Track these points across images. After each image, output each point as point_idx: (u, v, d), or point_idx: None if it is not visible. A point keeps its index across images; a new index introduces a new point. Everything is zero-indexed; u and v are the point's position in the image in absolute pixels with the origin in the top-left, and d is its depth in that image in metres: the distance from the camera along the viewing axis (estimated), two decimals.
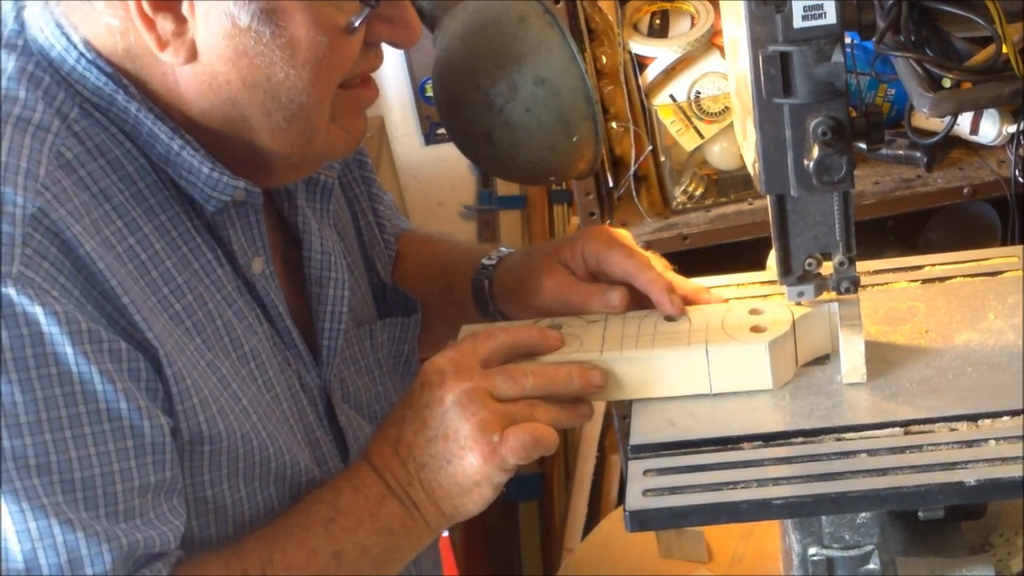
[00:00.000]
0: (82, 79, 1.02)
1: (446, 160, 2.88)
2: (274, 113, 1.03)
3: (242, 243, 1.09)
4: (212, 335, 1.05)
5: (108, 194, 1.01)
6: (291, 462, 1.10)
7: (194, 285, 1.05)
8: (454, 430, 1.07)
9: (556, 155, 1.30)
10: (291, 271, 1.18)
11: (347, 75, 1.06)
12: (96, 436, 0.94)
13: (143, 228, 1.02)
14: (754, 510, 1.05)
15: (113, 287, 0.97)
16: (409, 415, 1.10)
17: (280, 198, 1.18)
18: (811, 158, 1.08)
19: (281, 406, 1.12)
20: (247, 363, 1.09)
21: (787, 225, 1.16)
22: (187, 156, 1.03)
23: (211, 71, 1.01)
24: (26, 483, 0.91)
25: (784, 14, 1.05)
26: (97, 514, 0.94)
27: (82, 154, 1.00)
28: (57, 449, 0.92)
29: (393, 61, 2.84)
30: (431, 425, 1.08)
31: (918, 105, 1.68)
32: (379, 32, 1.07)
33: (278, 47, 1.00)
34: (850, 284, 1.16)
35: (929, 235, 2.27)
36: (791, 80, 1.07)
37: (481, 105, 1.27)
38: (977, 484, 1.02)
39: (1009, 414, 1.09)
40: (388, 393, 1.28)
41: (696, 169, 2.10)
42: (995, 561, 1.19)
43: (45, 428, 0.92)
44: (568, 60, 1.27)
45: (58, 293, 0.93)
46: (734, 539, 1.77)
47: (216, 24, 0.99)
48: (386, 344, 1.30)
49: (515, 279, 1.30)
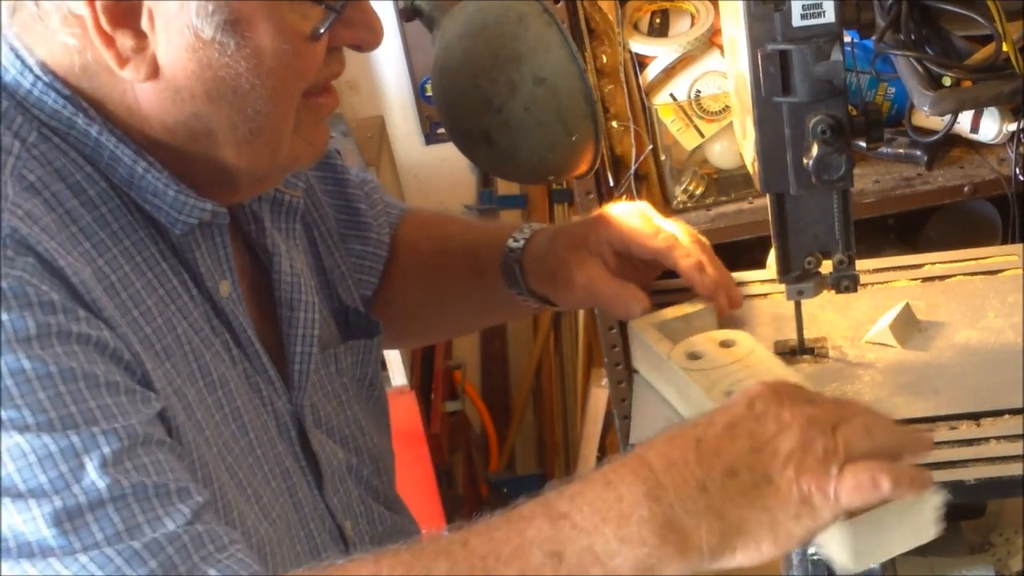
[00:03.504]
0: (39, 103, 0.99)
1: (446, 160, 2.88)
2: (240, 126, 1.01)
3: (208, 266, 1.07)
4: (180, 360, 1.03)
5: (74, 215, 0.98)
6: (248, 496, 1.07)
7: (162, 309, 1.02)
8: (788, 450, 0.90)
9: (556, 154, 1.30)
10: (258, 296, 1.16)
11: (311, 83, 1.04)
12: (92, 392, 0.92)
13: (111, 249, 1.00)
14: None
15: (92, 301, 0.95)
16: (722, 420, 0.92)
17: (247, 220, 1.16)
18: (810, 157, 1.08)
19: (248, 436, 1.09)
20: (214, 391, 1.06)
21: (787, 224, 1.16)
22: (151, 179, 1.01)
23: (174, 86, 0.98)
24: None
25: (783, 13, 1.05)
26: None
27: (44, 176, 0.97)
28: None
29: (393, 61, 2.85)
30: (758, 437, 0.91)
31: (918, 103, 1.68)
32: (342, 36, 1.04)
33: (243, 58, 0.97)
34: (849, 282, 1.16)
35: (929, 233, 2.27)
36: (790, 79, 1.07)
37: (480, 105, 1.27)
38: (977, 483, 1.02)
39: (1009, 412, 1.10)
40: (357, 417, 1.25)
41: (696, 168, 2.10)
42: (995, 560, 1.19)
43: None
44: (567, 60, 1.27)
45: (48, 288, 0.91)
46: None
47: (178, 37, 0.96)
48: (350, 368, 1.27)
49: (547, 271, 1.29)
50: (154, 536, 0.89)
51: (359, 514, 1.23)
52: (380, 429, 1.31)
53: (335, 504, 1.18)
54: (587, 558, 0.89)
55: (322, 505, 1.17)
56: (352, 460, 1.23)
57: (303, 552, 1.13)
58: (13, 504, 0.88)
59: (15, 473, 0.88)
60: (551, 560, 0.89)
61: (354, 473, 1.23)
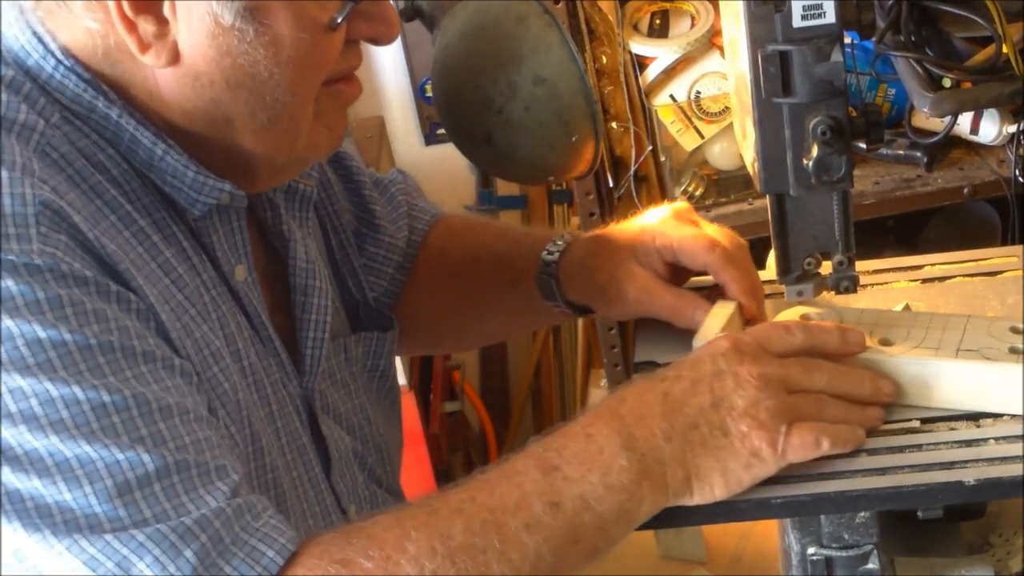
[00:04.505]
0: (60, 86, 1.01)
1: (446, 160, 2.88)
2: (258, 113, 1.03)
3: (225, 250, 1.09)
4: (209, 329, 1.05)
5: (98, 191, 1.00)
6: (270, 465, 1.09)
7: (188, 280, 1.05)
8: (742, 408, 1.03)
9: (555, 155, 1.30)
10: (271, 284, 1.17)
11: (329, 74, 1.05)
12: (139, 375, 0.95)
13: (138, 222, 1.02)
14: (753, 509, 1.05)
15: (123, 271, 0.97)
16: (688, 376, 1.05)
17: (263, 208, 1.18)
18: (810, 157, 1.08)
19: (270, 407, 1.11)
20: (239, 360, 1.08)
21: (786, 224, 1.16)
22: (171, 160, 1.03)
23: (194, 72, 1.00)
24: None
25: (783, 13, 1.05)
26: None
27: (68, 153, 0.99)
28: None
29: (393, 61, 2.85)
30: (717, 393, 1.03)
31: (918, 105, 1.68)
32: (359, 29, 1.06)
33: (262, 45, 0.99)
34: (849, 283, 1.16)
35: (929, 235, 2.28)
36: (790, 80, 1.07)
37: (480, 105, 1.27)
38: (977, 484, 1.02)
39: (1009, 414, 1.09)
40: (364, 406, 1.26)
41: (696, 169, 2.10)
42: (994, 561, 1.19)
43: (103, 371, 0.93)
44: (567, 60, 1.27)
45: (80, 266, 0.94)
46: (733, 538, 1.77)
47: (199, 24, 0.98)
48: (360, 358, 1.28)
49: (594, 286, 1.28)
50: (201, 513, 0.92)
51: (364, 499, 1.24)
52: (389, 421, 1.32)
53: (340, 488, 1.20)
54: (579, 505, 0.99)
55: (328, 488, 1.19)
56: (358, 447, 1.24)
57: (305, 531, 1.14)
58: (63, 478, 0.90)
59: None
60: (551, 509, 0.99)
61: (359, 459, 1.24)
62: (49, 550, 0.90)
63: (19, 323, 0.90)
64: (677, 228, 1.25)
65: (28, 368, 0.90)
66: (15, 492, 0.90)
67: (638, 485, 1.01)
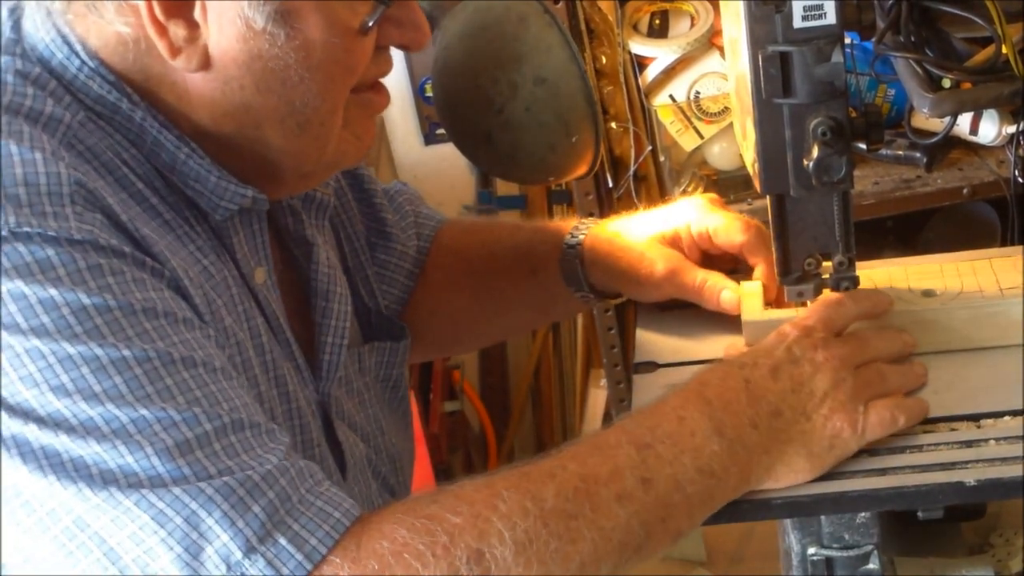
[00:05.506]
0: (84, 87, 1.01)
1: (446, 160, 2.88)
2: (288, 119, 1.02)
3: (245, 252, 1.09)
4: (234, 322, 1.05)
5: (124, 183, 1.00)
6: None
7: (215, 272, 1.05)
8: (823, 391, 1.06)
9: (555, 155, 1.30)
10: (289, 289, 1.17)
11: (359, 80, 1.05)
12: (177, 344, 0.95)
13: (163, 215, 1.02)
14: (753, 509, 1.05)
15: (157, 253, 0.97)
16: (765, 363, 1.08)
17: (283, 214, 1.18)
18: (811, 158, 1.08)
19: (289, 403, 1.11)
20: (262, 354, 1.08)
21: (787, 225, 1.16)
22: (193, 164, 1.03)
23: (224, 76, 1.00)
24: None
25: (784, 14, 1.05)
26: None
27: (94, 146, 0.99)
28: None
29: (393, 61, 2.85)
30: (796, 379, 1.07)
31: (918, 105, 1.68)
32: (390, 35, 1.06)
33: (292, 49, 0.99)
34: (849, 284, 1.17)
35: (929, 235, 2.27)
36: (791, 80, 1.07)
37: (481, 105, 1.27)
38: (977, 484, 1.02)
39: (1010, 414, 1.10)
40: (377, 416, 1.27)
41: (696, 169, 2.10)
42: (994, 561, 1.20)
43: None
44: (568, 60, 1.27)
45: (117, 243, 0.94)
46: (733, 538, 1.77)
47: (230, 27, 0.97)
48: (373, 368, 1.28)
49: (623, 266, 1.30)
50: (267, 469, 0.93)
51: (377, 506, 1.23)
52: (401, 431, 1.33)
53: (355, 494, 1.19)
54: (671, 485, 1.00)
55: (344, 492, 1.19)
56: (372, 456, 1.24)
57: None
58: (123, 443, 0.90)
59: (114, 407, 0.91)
60: (642, 485, 0.99)
61: (373, 468, 1.24)
62: (116, 507, 0.89)
63: (64, 292, 0.90)
64: (711, 214, 1.29)
65: (76, 336, 0.90)
66: (79, 459, 0.90)
67: (727, 471, 1.02)
